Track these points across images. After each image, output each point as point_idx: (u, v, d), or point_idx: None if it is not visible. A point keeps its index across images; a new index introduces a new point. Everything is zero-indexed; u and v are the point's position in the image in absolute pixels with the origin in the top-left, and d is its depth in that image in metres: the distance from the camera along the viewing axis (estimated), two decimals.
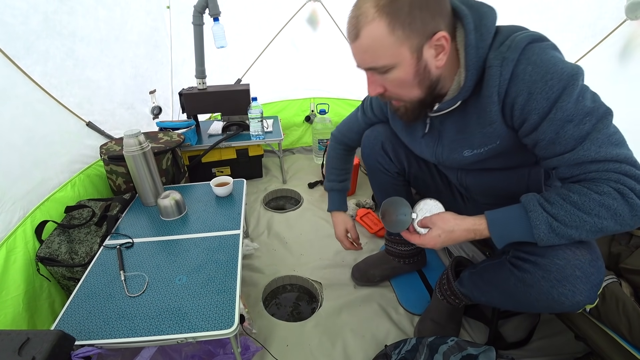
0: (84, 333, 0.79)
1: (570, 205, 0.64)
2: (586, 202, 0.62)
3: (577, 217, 0.63)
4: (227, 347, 0.95)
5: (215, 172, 1.94)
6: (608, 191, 0.61)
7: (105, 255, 1.04)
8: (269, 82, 2.27)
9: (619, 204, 0.60)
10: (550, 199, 0.66)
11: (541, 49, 0.63)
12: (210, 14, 1.61)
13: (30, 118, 1.18)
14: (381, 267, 1.29)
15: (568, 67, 0.61)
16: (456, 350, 0.82)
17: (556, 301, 0.69)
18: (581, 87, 0.62)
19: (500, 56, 0.64)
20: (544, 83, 0.61)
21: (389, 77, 0.68)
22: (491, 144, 0.75)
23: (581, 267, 0.66)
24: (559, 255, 0.68)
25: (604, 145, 0.61)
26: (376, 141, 1.08)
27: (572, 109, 0.61)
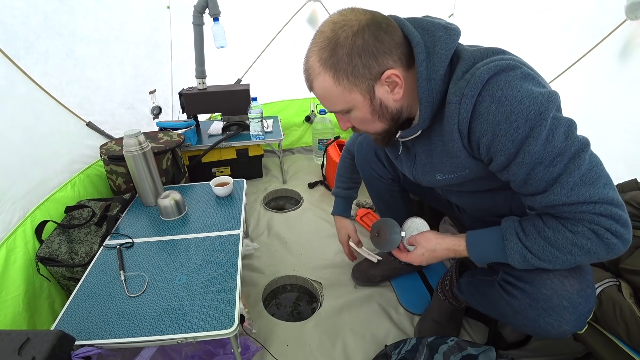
0: (84, 333, 0.79)
1: (543, 240, 0.64)
2: (559, 239, 0.62)
3: (550, 253, 0.63)
4: (227, 347, 0.95)
5: (215, 172, 1.94)
6: (582, 231, 0.60)
7: (105, 255, 1.04)
8: (269, 82, 2.27)
9: (592, 244, 0.60)
10: (526, 229, 0.67)
11: (507, 82, 0.58)
12: (210, 14, 1.61)
13: (30, 118, 1.18)
14: (382, 267, 1.29)
15: (537, 102, 0.56)
16: (456, 350, 0.82)
17: (542, 329, 0.69)
18: (551, 124, 0.57)
19: (459, 92, 0.61)
20: (508, 125, 0.58)
21: (351, 117, 0.70)
22: (460, 172, 0.74)
23: (569, 297, 0.66)
24: (546, 285, 0.68)
25: (575, 187, 0.58)
26: (369, 148, 1.09)
27: (540, 151, 0.58)
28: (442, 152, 0.73)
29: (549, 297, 0.67)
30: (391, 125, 0.71)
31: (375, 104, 0.66)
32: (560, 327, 0.67)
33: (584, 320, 0.68)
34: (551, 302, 0.67)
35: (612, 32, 1.36)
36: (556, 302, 0.67)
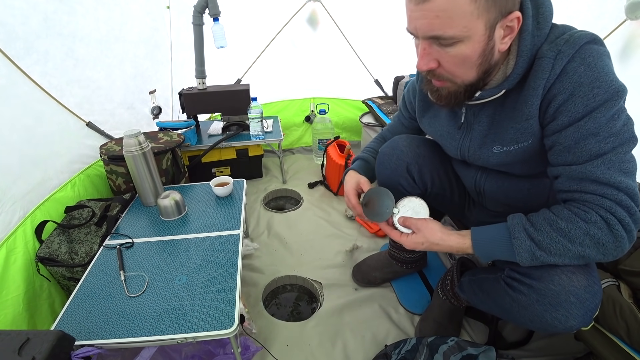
0: (84, 333, 0.79)
1: (556, 232, 0.64)
2: (572, 229, 0.62)
3: (561, 245, 0.63)
4: (227, 347, 0.95)
5: (215, 172, 1.94)
6: (595, 220, 0.61)
7: (105, 256, 1.04)
8: (269, 82, 2.27)
9: (603, 234, 0.61)
10: (536, 224, 0.66)
11: (599, 53, 0.60)
12: (210, 14, 1.61)
13: (30, 118, 1.18)
14: (383, 270, 1.29)
15: (617, 81, 0.60)
16: (456, 350, 0.82)
17: (549, 324, 0.69)
18: (620, 106, 0.61)
19: (556, 48, 0.61)
20: (589, 89, 0.59)
21: (450, 52, 0.62)
22: (523, 141, 0.71)
23: (576, 293, 0.66)
24: (554, 281, 0.68)
25: (612, 168, 0.60)
26: (399, 162, 0.97)
27: (603, 124, 0.60)
28: (512, 118, 0.70)
29: (557, 293, 0.67)
30: (480, 79, 0.66)
31: (488, 45, 0.61)
32: (567, 322, 0.67)
33: (590, 316, 0.68)
34: (559, 298, 0.67)
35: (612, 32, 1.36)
36: (564, 298, 0.67)
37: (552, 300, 0.68)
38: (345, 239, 1.57)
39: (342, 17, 2.16)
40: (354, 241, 1.54)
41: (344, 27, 2.19)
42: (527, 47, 0.63)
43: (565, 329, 0.68)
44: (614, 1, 1.34)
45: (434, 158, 0.98)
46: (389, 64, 2.23)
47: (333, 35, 2.20)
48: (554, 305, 0.68)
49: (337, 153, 1.89)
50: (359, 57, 2.26)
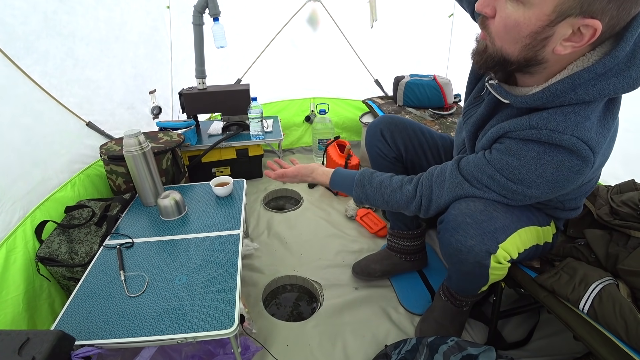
0: (84, 333, 0.79)
1: (381, 181, 0.91)
2: (394, 181, 0.89)
3: (379, 187, 0.90)
4: (227, 347, 0.95)
5: (215, 172, 1.94)
6: (412, 180, 0.87)
7: (105, 255, 1.04)
8: (269, 82, 2.27)
9: (404, 197, 0.86)
10: (372, 181, 0.92)
11: (561, 159, 0.65)
12: (210, 14, 1.61)
13: (30, 118, 1.18)
14: (382, 262, 1.30)
15: (525, 190, 0.70)
16: (456, 350, 0.82)
17: (455, 249, 0.78)
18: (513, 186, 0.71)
19: (543, 123, 0.62)
20: (519, 163, 0.69)
21: (508, 9, 0.58)
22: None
23: (471, 214, 0.75)
24: (455, 207, 0.79)
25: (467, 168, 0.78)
26: (376, 129, 1.17)
27: (492, 171, 0.73)
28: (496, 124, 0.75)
29: (455, 216, 0.77)
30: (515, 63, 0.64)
31: (544, 31, 0.56)
32: (467, 242, 0.76)
33: (491, 239, 0.75)
34: (457, 220, 0.77)
35: None
36: (461, 220, 0.76)
37: (454, 224, 0.77)
38: (345, 239, 1.57)
39: (342, 17, 2.16)
40: (353, 241, 1.55)
41: (344, 27, 2.19)
42: (555, 90, 0.60)
43: (470, 252, 0.76)
44: None
45: (407, 129, 1.14)
46: (389, 64, 2.23)
47: (333, 35, 2.20)
48: (454, 228, 0.77)
49: (337, 153, 1.89)
50: (359, 57, 2.26)
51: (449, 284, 1.05)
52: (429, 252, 1.41)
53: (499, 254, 0.76)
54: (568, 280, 0.79)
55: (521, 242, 0.81)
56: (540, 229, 0.85)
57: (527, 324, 1.13)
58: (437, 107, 1.95)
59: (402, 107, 2.04)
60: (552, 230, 0.89)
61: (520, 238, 0.80)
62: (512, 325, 1.13)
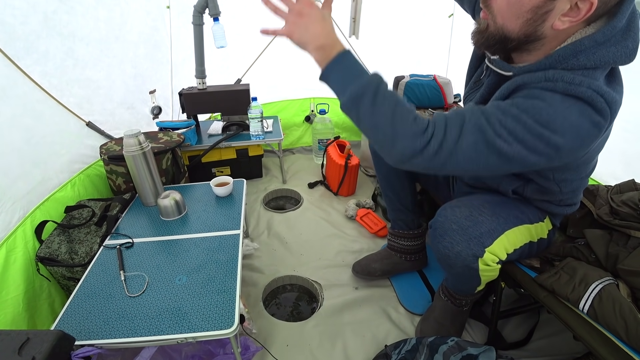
0: (84, 333, 0.79)
1: (397, 99, 0.68)
2: (406, 105, 0.68)
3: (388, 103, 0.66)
4: (227, 347, 0.95)
5: (215, 172, 1.94)
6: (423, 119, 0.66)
7: (105, 255, 1.04)
8: (269, 82, 2.27)
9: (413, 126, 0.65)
10: (382, 88, 0.69)
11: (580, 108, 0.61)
12: (210, 14, 1.61)
13: (30, 118, 1.18)
14: (382, 261, 1.30)
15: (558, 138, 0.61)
16: (456, 350, 0.82)
17: (443, 254, 0.80)
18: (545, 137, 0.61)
19: (559, 76, 0.62)
20: (540, 108, 0.62)
21: None
22: None
23: (457, 221, 0.78)
24: (441, 214, 0.81)
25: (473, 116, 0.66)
26: None
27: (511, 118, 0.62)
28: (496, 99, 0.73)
29: (442, 223, 0.80)
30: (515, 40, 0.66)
31: (545, 5, 0.59)
32: (454, 248, 0.78)
33: (477, 244, 0.76)
34: (444, 227, 0.79)
35: None
36: (447, 226, 0.78)
37: (440, 231, 0.80)
38: (345, 239, 1.57)
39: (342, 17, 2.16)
40: (353, 241, 1.55)
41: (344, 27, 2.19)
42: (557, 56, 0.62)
43: (457, 257, 0.78)
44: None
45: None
46: (389, 64, 2.23)
47: None
48: (441, 234, 0.80)
49: (337, 153, 1.89)
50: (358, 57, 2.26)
51: (447, 284, 1.06)
52: (429, 252, 1.41)
53: (486, 257, 0.78)
54: (568, 280, 0.79)
55: (509, 243, 0.82)
56: (531, 226, 0.85)
57: (527, 324, 1.13)
58: (437, 107, 1.95)
59: None
60: (547, 227, 0.89)
61: (508, 239, 0.81)
62: (512, 325, 1.13)
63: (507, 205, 0.85)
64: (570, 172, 0.79)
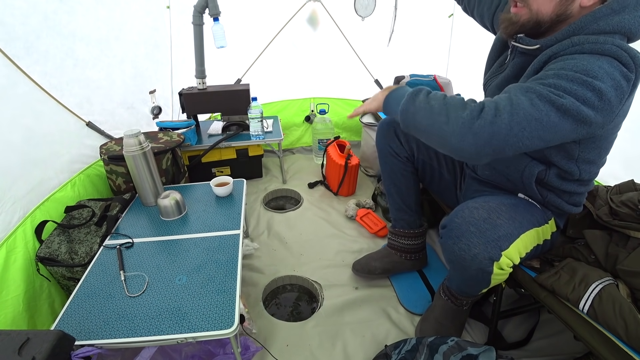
0: (84, 333, 0.79)
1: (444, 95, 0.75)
2: (455, 97, 0.73)
3: (437, 99, 0.74)
4: (227, 347, 0.95)
5: (215, 172, 1.94)
6: (473, 103, 0.71)
7: (105, 255, 1.04)
8: (269, 82, 2.27)
9: (469, 107, 0.69)
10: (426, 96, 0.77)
11: (609, 64, 0.66)
12: (210, 14, 1.61)
13: (30, 118, 1.18)
14: (382, 260, 1.31)
15: (596, 83, 0.64)
16: (456, 350, 0.82)
17: (459, 256, 0.78)
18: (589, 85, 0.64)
19: (584, 39, 0.68)
20: (574, 64, 0.67)
21: None
22: None
23: (475, 223, 0.76)
24: (458, 215, 0.79)
25: (524, 94, 0.67)
26: (389, 127, 1.18)
27: (555, 79, 0.66)
28: (529, 76, 0.77)
29: (459, 225, 0.77)
30: (549, 21, 0.73)
31: None
32: (470, 251, 0.76)
33: (494, 247, 0.75)
34: (461, 229, 0.77)
35: None
36: (464, 228, 0.76)
37: (457, 232, 0.78)
38: (345, 239, 1.57)
39: (342, 17, 2.16)
40: (353, 241, 1.55)
41: (344, 27, 2.19)
42: (579, 24, 0.70)
43: (473, 260, 0.76)
44: None
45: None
46: (389, 64, 2.23)
47: (333, 35, 2.20)
48: (458, 236, 0.77)
49: (337, 153, 1.89)
50: (359, 57, 2.26)
51: (449, 284, 1.05)
52: (429, 252, 1.41)
53: (502, 261, 0.77)
54: (568, 280, 0.79)
55: (523, 246, 0.81)
56: (539, 229, 0.86)
57: (527, 324, 1.13)
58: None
59: None
60: (551, 229, 0.90)
61: (522, 243, 0.80)
62: (512, 325, 1.13)
63: (520, 207, 0.85)
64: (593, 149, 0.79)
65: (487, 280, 0.82)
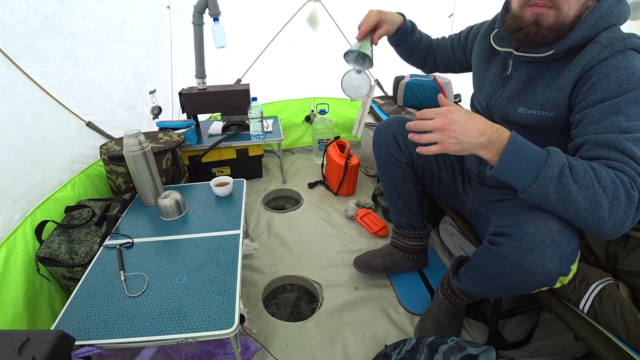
0: (84, 333, 0.79)
1: (589, 167, 0.64)
2: (603, 172, 0.63)
3: (589, 178, 0.62)
4: (227, 347, 0.95)
5: (215, 172, 1.94)
6: (621, 177, 0.62)
7: (105, 255, 1.04)
8: (269, 82, 2.27)
9: (623, 191, 0.61)
10: (573, 159, 0.66)
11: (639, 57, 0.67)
12: (210, 14, 1.61)
13: (30, 118, 1.18)
14: (384, 257, 1.30)
15: None
16: (456, 350, 0.82)
17: (528, 270, 0.69)
18: None
19: (610, 40, 0.68)
20: (624, 73, 0.66)
21: None
22: (546, 110, 0.77)
23: (550, 235, 0.67)
24: (530, 225, 0.69)
25: (638, 145, 0.64)
26: (388, 132, 1.14)
27: (634, 106, 0.65)
28: (547, 85, 0.77)
29: (532, 236, 0.68)
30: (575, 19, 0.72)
31: None
32: (545, 266, 0.68)
33: (567, 262, 0.69)
34: (534, 240, 0.68)
35: None
36: (539, 240, 0.68)
37: (529, 244, 0.69)
38: (345, 239, 1.57)
39: (342, 17, 2.17)
40: (354, 241, 1.55)
41: (344, 27, 2.19)
42: (590, 22, 0.70)
43: (544, 275, 0.68)
44: None
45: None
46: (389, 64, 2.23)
47: (333, 35, 2.20)
48: (530, 248, 0.69)
49: (337, 153, 1.89)
50: None
51: (461, 286, 0.99)
52: (429, 252, 1.41)
53: (569, 275, 0.72)
54: None
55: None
56: None
57: (527, 324, 1.13)
58: (437, 107, 1.95)
59: (402, 107, 2.04)
60: None
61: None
62: (512, 325, 1.13)
63: None
64: None
65: (531, 292, 0.77)
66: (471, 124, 0.68)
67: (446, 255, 1.44)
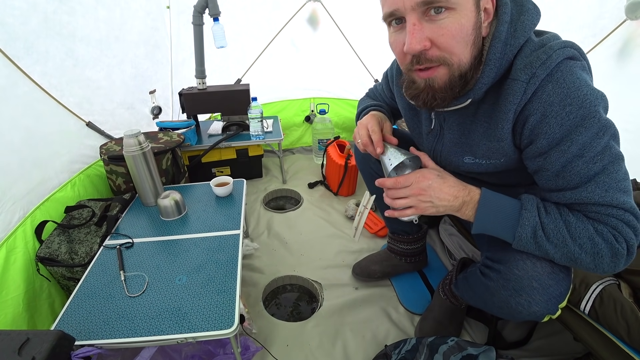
0: (84, 333, 0.79)
1: (562, 222, 0.62)
2: (579, 227, 0.60)
3: (562, 237, 0.61)
4: (227, 347, 0.95)
5: (215, 172, 1.94)
6: (602, 231, 0.59)
7: (105, 255, 1.04)
8: (269, 82, 2.27)
9: (605, 246, 0.59)
10: (548, 207, 0.64)
11: (570, 68, 0.57)
12: (210, 14, 1.61)
13: (30, 118, 1.18)
14: (382, 263, 1.30)
15: (591, 94, 0.55)
16: (456, 350, 0.82)
17: (514, 309, 0.70)
18: (603, 121, 0.56)
19: (530, 71, 0.58)
20: (561, 107, 0.56)
21: (444, 22, 0.56)
22: (495, 159, 0.70)
23: (539, 278, 0.67)
24: (518, 266, 0.68)
25: (610, 190, 0.58)
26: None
27: (586, 144, 0.56)
28: (484, 134, 0.68)
29: (520, 278, 0.68)
30: (470, 65, 0.60)
31: (478, 20, 0.58)
32: (530, 308, 0.68)
33: (555, 303, 0.68)
34: (521, 283, 0.68)
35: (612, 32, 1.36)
36: (526, 283, 0.67)
37: (516, 285, 0.68)
38: (345, 239, 1.57)
39: (342, 17, 2.16)
40: (353, 241, 1.55)
41: (344, 27, 2.19)
42: (495, 56, 0.60)
43: (530, 315, 0.69)
44: (614, 1, 1.34)
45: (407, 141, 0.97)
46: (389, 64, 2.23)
47: (333, 35, 2.19)
48: (517, 290, 0.68)
49: (337, 153, 1.89)
50: (359, 57, 2.26)
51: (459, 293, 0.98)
52: (429, 252, 1.41)
53: (557, 312, 0.71)
54: None
55: None
56: None
57: (527, 324, 1.13)
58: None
59: None
60: None
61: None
62: (512, 325, 1.13)
63: None
64: None
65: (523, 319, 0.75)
66: (445, 188, 0.68)
67: (446, 255, 1.44)
